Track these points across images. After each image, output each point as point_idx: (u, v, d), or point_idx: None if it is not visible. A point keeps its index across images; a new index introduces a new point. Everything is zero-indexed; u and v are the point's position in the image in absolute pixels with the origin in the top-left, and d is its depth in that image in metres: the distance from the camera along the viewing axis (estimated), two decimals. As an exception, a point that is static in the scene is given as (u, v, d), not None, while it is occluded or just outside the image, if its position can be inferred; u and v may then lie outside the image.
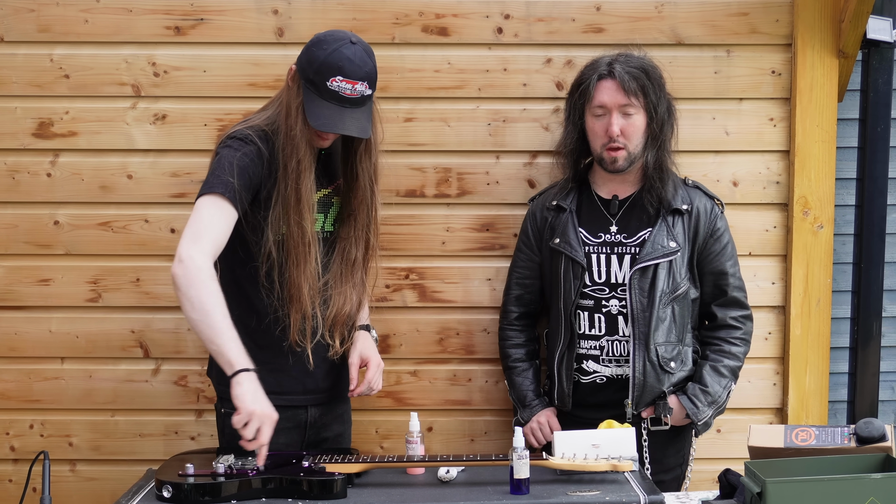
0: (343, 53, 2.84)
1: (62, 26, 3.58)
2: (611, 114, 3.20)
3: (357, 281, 3.10)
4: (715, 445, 3.71)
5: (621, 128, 3.19)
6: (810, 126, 3.61)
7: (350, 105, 2.87)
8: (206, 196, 2.84)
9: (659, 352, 3.23)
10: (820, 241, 3.65)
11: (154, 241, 3.63)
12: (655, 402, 3.26)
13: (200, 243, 2.76)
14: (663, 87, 3.26)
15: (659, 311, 3.22)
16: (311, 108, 2.86)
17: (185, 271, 2.72)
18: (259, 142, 2.92)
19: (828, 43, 3.59)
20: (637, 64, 3.22)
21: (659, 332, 3.23)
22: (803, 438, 2.74)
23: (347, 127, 2.88)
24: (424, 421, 3.62)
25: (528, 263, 3.44)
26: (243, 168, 2.87)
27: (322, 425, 3.15)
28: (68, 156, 3.62)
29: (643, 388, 3.23)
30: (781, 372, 3.73)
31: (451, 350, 3.71)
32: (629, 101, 3.18)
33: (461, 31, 3.61)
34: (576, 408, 3.32)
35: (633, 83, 3.18)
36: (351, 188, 3.07)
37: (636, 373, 3.23)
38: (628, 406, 3.24)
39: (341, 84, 2.84)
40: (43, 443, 3.69)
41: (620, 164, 3.23)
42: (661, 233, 3.25)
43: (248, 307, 3.00)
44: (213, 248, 2.80)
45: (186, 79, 3.60)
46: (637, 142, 3.22)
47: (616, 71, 3.19)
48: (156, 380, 3.70)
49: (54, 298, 3.66)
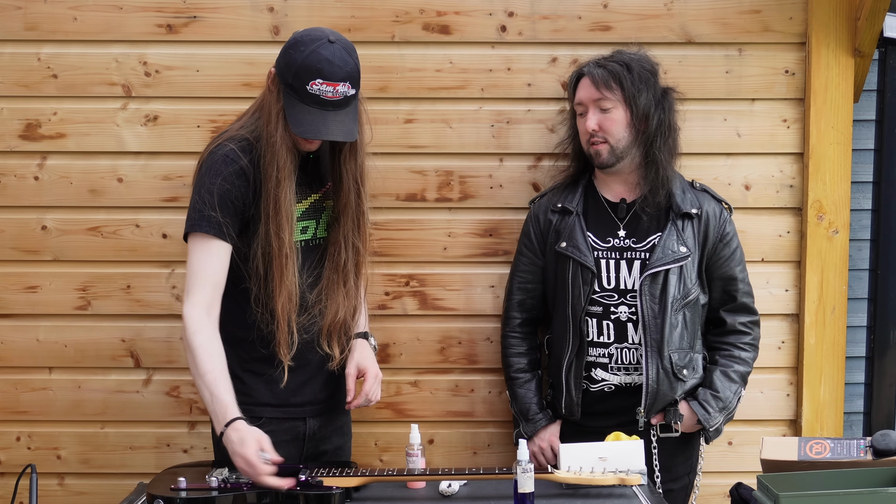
0: (321, 54, 2.80)
1: (50, 24, 3.59)
2: (588, 110, 3.26)
3: (350, 287, 3.08)
4: (726, 458, 3.72)
5: (598, 122, 3.24)
6: (825, 127, 3.62)
7: (333, 108, 2.84)
8: (193, 236, 2.93)
9: (673, 359, 3.24)
10: (835, 246, 3.66)
11: (145, 246, 3.64)
12: (666, 408, 3.28)
13: (193, 297, 2.88)
14: (649, 79, 3.27)
15: (671, 317, 3.24)
16: (292, 114, 2.84)
17: (184, 334, 2.86)
18: (242, 157, 2.91)
19: (843, 41, 3.60)
20: (620, 59, 3.27)
21: (672, 338, 3.25)
22: (818, 451, 2.75)
23: (331, 132, 2.85)
24: (425, 433, 3.63)
25: (531, 267, 3.44)
26: (224, 196, 2.89)
27: (321, 437, 3.15)
28: (56, 158, 3.63)
29: (656, 396, 3.25)
30: (795, 382, 3.74)
31: (453, 360, 3.72)
32: (601, 94, 3.23)
33: (463, 30, 3.62)
34: (583, 416, 3.33)
35: (605, 77, 3.23)
36: (336, 190, 3.06)
37: (649, 381, 3.24)
38: (640, 415, 3.26)
39: (322, 87, 2.81)
40: (30, 456, 3.70)
41: (605, 159, 3.27)
42: (671, 237, 3.27)
43: (241, 322, 3.00)
44: (208, 296, 2.89)
45: (179, 79, 3.61)
46: (619, 136, 3.25)
47: (586, 68, 3.28)
48: (147, 390, 3.71)
49: (42, 306, 3.67)
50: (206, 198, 2.89)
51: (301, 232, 3.03)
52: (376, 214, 3.63)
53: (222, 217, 2.88)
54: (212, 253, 2.90)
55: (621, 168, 3.30)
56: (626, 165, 3.29)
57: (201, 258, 2.91)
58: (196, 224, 2.90)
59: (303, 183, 3.01)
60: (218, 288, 2.91)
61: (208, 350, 2.83)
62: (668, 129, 3.28)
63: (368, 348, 3.19)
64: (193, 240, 2.93)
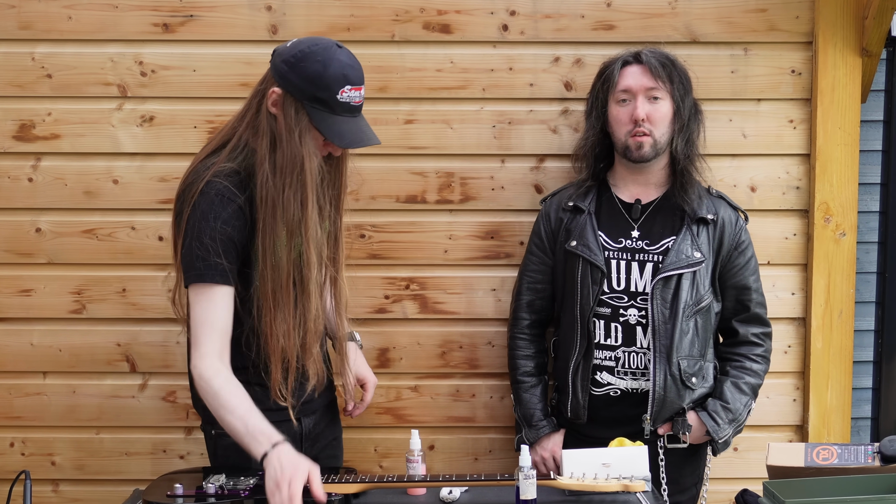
0: (341, 60, 2.75)
1: (44, 23, 3.59)
2: (636, 98, 3.23)
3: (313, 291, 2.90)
4: (732, 465, 3.72)
5: (647, 113, 3.21)
6: (832, 128, 3.62)
7: (360, 112, 2.80)
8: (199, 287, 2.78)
9: (681, 366, 3.23)
10: (842, 249, 3.66)
11: (141, 249, 3.65)
12: (673, 418, 3.27)
13: (202, 348, 2.76)
14: (689, 81, 3.30)
15: (682, 323, 3.23)
16: (328, 128, 2.74)
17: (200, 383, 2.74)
18: (238, 195, 2.79)
19: (850, 41, 3.60)
20: (663, 54, 3.28)
21: (682, 345, 3.23)
22: (825, 457, 2.75)
23: (371, 137, 2.80)
24: (426, 439, 3.64)
25: (541, 267, 3.44)
26: (228, 240, 2.78)
27: (317, 434, 3.15)
28: (51, 159, 3.63)
29: (663, 403, 3.24)
30: (802, 387, 3.74)
31: (454, 364, 3.73)
32: (656, 83, 3.22)
33: (464, 29, 3.62)
34: (588, 425, 3.32)
35: (660, 68, 3.22)
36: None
37: (656, 387, 3.23)
38: (646, 422, 3.25)
39: (351, 93, 2.75)
40: (24, 462, 3.70)
41: (646, 151, 3.23)
42: (686, 242, 3.26)
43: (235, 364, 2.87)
44: (217, 344, 2.76)
45: (175, 78, 3.61)
46: (663, 130, 3.24)
47: (643, 55, 3.26)
48: (143, 395, 3.71)
49: (36, 310, 3.68)
50: (209, 244, 2.75)
51: None
52: (376, 216, 3.65)
53: (227, 263, 2.77)
54: (217, 300, 2.78)
55: (651, 165, 3.29)
56: (656, 163, 3.29)
57: (208, 308, 2.78)
58: (203, 274, 2.77)
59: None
60: (225, 334, 2.79)
61: (231, 390, 2.73)
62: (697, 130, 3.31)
63: (360, 353, 3.21)
64: (198, 289, 2.79)
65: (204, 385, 2.74)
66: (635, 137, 3.23)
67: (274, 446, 2.65)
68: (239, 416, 2.70)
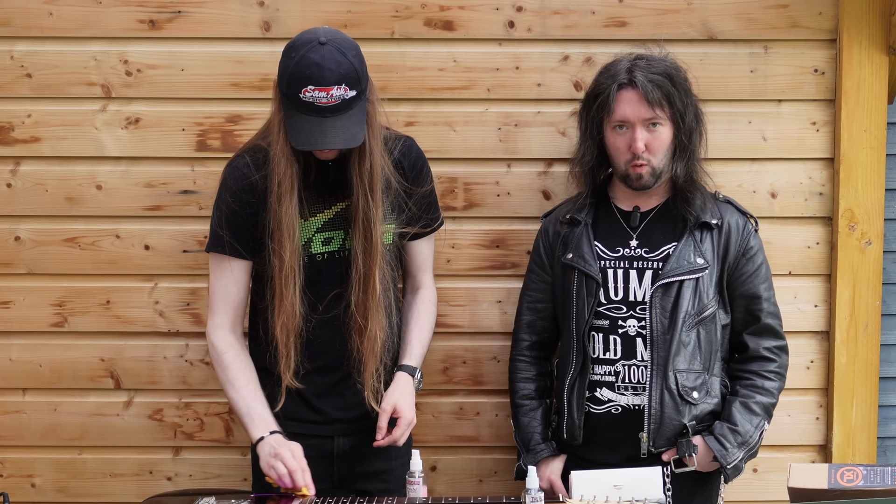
0: (310, 59, 2.83)
1: (24, 20, 3.60)
2: (634, 128, 3.19)
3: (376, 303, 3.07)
4: (751, 486, 3.73)
5: (646, 142, 3.18)
6: (857, 131, 3.63)
7: (331, 114, 2.86)
8: (211, 256, 3.16)
9: (679, 380, 3.21)
10: (868, 258, 3.67)
11: (126, 258, 3.66)
12: (678, 440, 3.25)
13: (214, 318, 3.15)
14: (689, 91, 3.25)
15: (682, 334, 3.22)
16: (290, 125, 2.91)
17: (212, 353, 3.16)
18: (254, 171, 3.05)
19: (877, 38, 3.60)
20: (660, 68, 3.21)
21: (680, 357, 3.22)
22: (849, 479, 2.76)
23: (329, 140, 2.88)
24: (427, 459, 3.64)
25: (541, 285, 3.43)
26: (231, 214, 3.08)
27: (354, 458, 3.18)
28: (30, 164, 3.64)
29: (660, 420, 3.22)
30: (825, 405, 3.75)
31: (457, 380, 3.73)
32: (654, 113, 3.17)
33: (468, 26, 3.63)
34: (589, 448, 3.30)
35: (657, 92, 3.16)
36: (349, 197, 3.07)
37: (652, 402, 3.21)
38: (643, 440, 3.24)
39: (315, 94, 2.84)
40: (2, 484, 3.70)
41: (646, 181, 3.22)
42: (688, 248, 3.26)
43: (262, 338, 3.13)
44: (229, 315, 3.15)
45: (162, 78, 3.62)
46: (662, 155, 3.22)
47: (638, 79, 3.17)
48: (128, 413, 3.72)
49: (15, 323, 3.68)
50: (216, 214, 3.12)
51: (323, 244, 3.08)
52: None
53: (230, 235, 3.06)
54: (225, 272, 3.13)
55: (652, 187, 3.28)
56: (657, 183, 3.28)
57: (215, 277, 3.15)
58: (210, 244, 3.15)
59: (325, 192, 3.07)
60: (237, 307, 3.16)
61: (239, 367, 3.11)
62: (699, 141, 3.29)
63: (411, 386, 3.18)
64: (210, 258, 3.17)
65: (215, 356, 3.12)
66: (635, 168, 3.22)
67: (270, 433, 2.99)
68: (243, 397, 3.06)
